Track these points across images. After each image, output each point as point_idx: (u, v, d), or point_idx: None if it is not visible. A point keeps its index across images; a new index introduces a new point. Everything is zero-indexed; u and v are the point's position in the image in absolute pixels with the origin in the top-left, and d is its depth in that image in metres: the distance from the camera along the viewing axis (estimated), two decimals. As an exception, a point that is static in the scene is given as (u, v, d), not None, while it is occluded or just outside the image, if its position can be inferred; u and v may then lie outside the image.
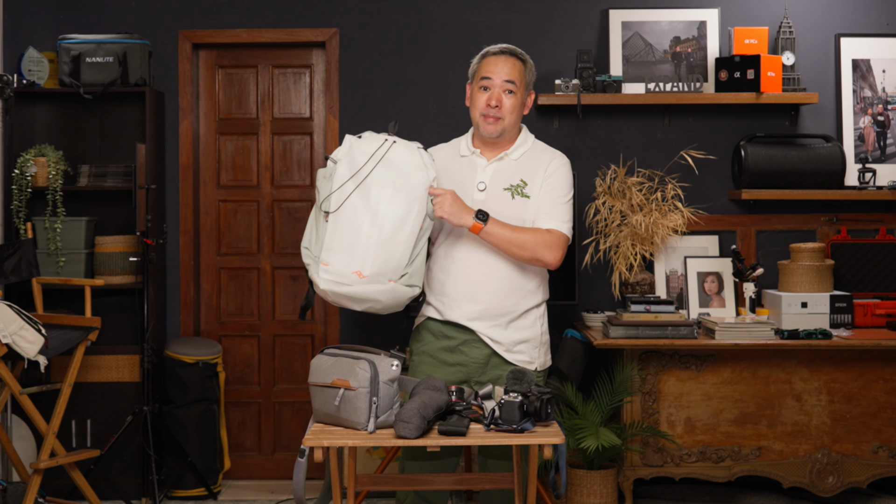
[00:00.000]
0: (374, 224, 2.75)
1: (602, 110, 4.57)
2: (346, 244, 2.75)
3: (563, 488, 2.61)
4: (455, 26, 4.62)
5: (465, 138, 3.15)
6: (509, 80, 3.00)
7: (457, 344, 3.01)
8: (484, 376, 3.01)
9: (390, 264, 2.77)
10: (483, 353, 3.01)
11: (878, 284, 4.48)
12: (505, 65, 3.02)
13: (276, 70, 4.76)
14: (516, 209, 3.00)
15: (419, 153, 2.84)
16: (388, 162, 2.79)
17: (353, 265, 2.74)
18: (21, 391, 3.88)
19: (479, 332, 3.00)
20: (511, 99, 3.00)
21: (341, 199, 2.77)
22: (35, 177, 4.40)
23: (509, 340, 3.01)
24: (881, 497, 4.28)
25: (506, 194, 3.01)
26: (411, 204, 2.79)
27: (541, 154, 3.09)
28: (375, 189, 2.77)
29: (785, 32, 4.49)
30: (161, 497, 4.29)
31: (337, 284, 2.75)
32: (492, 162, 3.05)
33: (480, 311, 2.99)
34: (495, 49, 3.06)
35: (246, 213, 4.77)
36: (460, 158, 3.09)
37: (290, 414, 4.79)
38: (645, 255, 4.32)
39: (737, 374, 4.05)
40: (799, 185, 4.41)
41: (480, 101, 3.02)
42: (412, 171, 2.80)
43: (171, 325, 4.70)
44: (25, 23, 4.63)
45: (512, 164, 3.05)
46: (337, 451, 2.69)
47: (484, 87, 3.02)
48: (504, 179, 3.03)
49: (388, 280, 2.77)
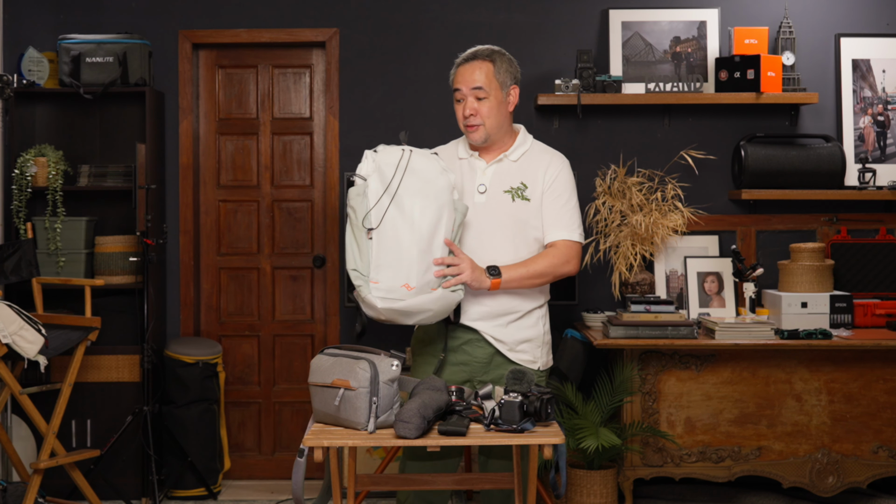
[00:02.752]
0: (412, 234, 2.76)
1: (602, 110, 4.58)
2: (392, 258, 2.75)
3: (563, 488, 2.61)
4: (455, 26, 4.62)
5: (463, 140, 3.15)
6: (476, 86, 3.01)
7: (460, 343, 3.02)
8: (487, 375, 3.02)
9: (432, 271, 2.78)
10: (486, 352, 3.02)
11: (878, 284, 4.48)
12: (471, 72, 3.02)
13: (276, 70, 4.76)
14: (517, 211, 3.01)
15: (435, 159, 2.86)
16: (413, 171, 2.80)
17: (399, 278, 2.75)
18: (21, 391, 3.88)
19: (482, 331, 3.00)
20: (484, 104, 3.01)
21: (380, 213, 2.77)
22: (35, 177, 4.40)
23: (512, 340, 3.02)
24: (881, 497, 4.28)
25: (506, 197, 3.01)
26: (441, 209, 2.80)
27: (540, 156, 3.10)
28: (408, 199, 2.78)
29: (785, 32, 4.49)
30: (161, 497, 4.29)
31: (390, 301, 2.75)
32: (491, 164, 3.05)
33: (484, 312, 3.00)
34: (463, 58, 3.07)
35: (246, 213, 4.77)
36: (459, 161, 3.10)
37: (290, 414, 4.79)
38: (645, 255, 4.32)
39: (737, 374, 4.05)
40: (799, 185, 4.41)
41: (458, 113, 3.06)
42: (436, 176, 2.81)
43: (171, 325, 4.70)
44: (25, 23, 4.63)
45: (511, 165, 3.06)
46: (337, 451, 2.69)
47: (458, 99, 3.06)
48: (504, 182, 3.03)
49: (431, 288, 2.78)
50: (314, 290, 4.77)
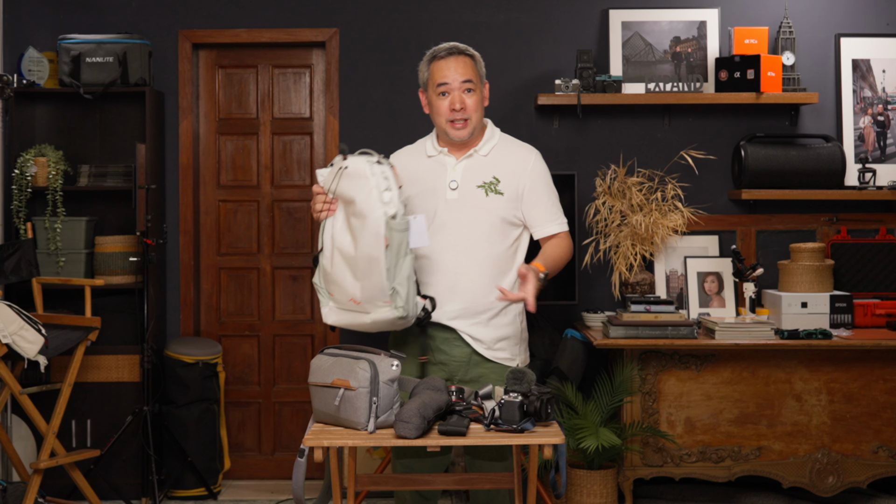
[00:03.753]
0: (347, 260, 2.75)
1: (602, 110, 4.58)
2: (337, 278, 2.80)
3: (563, 488, 2.60)
4: (455, 26, 4.61)
5: (431, 139, 3.10)
6: (466, 79, 2.96)
7: (437, 343, 3.00)
8: (467, 375, 3.00)
9: (378, 290, 2.74)
10: (464, 351, 2.99)
11: (878, 284, 4.48)
12: (458, 65, 2.97)
13: (276, 70, 4.76)
14: (491, 206, 2.97)
15: (367, 175, 2.70)
16: (343, 189, 2.73)
17: (346, 294, 2.79)
18: (21, 391, 3.88)
19: (460, 330, 2.98)
20: (472, 98, 2.97)
21: (326, 237, 2.82)
22: (35, 177, 4.40)
23: (490, 338, 2.99)
24: (881, 497, 4.28)
25: (479, 192, 2.98)
26: (375, 236, 2.70)
27: (511, 149, 3.07)
28: (339, 226, 2.77)
29: (785, 32, 4.49)
30: (161, 497, 4.29)
31: (343, 313, 2.83)
32: (461, 160, 3.01)
33: (461, 310, 2.96)
34: (443, 51, 3.00)
35: (246, 213, 4.77)
36: (427, 159, 3.05)
37: (290, 414, 4.79)
38: (645, 255, 4.32)
39: (737, 374, 4.05)
40: (799, 185, 4.41)
41: (443, 108, 2.97)
42: (362, 190, 2.70)
43: (171, 325, 4.70)
44: (25, 23, 4.63)
45: (482, 160, 3.02)
46: (337, 451, 2.69)
47: (443, 93, 2.98)
48: (476, 177, 3.00)
49: (384, 301, 2.74)
50: (314, 290, 4.76)
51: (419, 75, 3.06)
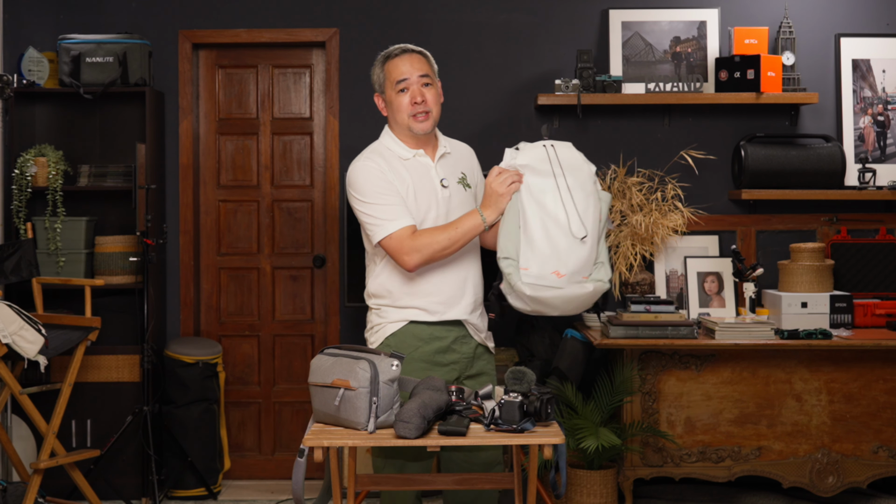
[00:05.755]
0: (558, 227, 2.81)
1: (602, 110, 4.58)
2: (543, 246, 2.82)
3: (563, 488, 2.61)
4: (455, 26, 4.62)
5: (393, 142, 3.08)
6: (423, 74, 3.01)
7: (449, 343, 3.01)
8: (472, 370, 3.04)
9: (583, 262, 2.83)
10: (471, 346, 3.05)
11: (878, 284, 4.48)
12: (414, 61, 3.02)
13: (276, 70, 4.76)
14: (469, 199, 3.09)
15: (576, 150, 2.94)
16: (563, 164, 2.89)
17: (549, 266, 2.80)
18: (21, 391, 3.88)
19: (469, 323, 3.04)
20: (431, 91, 3.02)
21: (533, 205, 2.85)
22: (35, 177, 4.40)
23: (483, 326, 3.11)
24: (881, 497, 4.28)
25: (459, 187, 3.09)
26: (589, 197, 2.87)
27: (457, 146, 3.19)
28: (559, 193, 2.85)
29: (785, 32, 4.49)
30: (161, 497, 4.29)
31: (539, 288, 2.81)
32: (438, 160, 3.08)
33: (472, 303, 3.05)
34: (397, 50, 3.05)
35: (246, 213, 4.77)
36: (404, 161, 3.05)
37: (290, 414, 4.79)
38: (645, 255, 4.32)
39: (737, 374, 4.05)
40: (799, 185, 4.41)
41: (404, 103, 3.00)
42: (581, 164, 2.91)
43: (171, 325, 4.70)
44: (25, 23, 4.63)
45: (451, 158, 3.12)
46: (337, 451, 2.69)
47: (402, 90, 3.01)
48: (453, 173, 3.09)
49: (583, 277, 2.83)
50: (314, 290, 4.77)
51: (373, 79, 3.09)
